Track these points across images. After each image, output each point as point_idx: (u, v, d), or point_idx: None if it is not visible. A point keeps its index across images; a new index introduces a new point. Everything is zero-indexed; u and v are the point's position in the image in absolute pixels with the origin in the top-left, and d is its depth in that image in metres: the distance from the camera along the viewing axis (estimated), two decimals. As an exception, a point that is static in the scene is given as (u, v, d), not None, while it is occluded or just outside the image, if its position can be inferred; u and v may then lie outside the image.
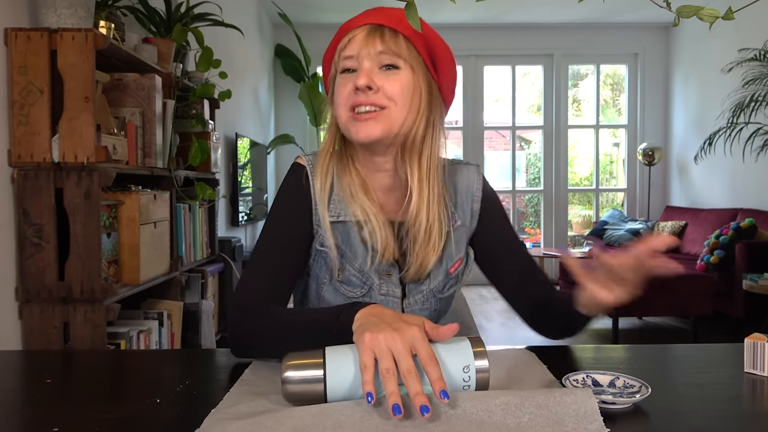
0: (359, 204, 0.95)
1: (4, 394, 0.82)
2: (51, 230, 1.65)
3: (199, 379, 0.84)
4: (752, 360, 0.86)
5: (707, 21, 0.79)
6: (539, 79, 6.28)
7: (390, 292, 0.99)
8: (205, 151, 2.37)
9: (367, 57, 0.92)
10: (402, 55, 0.92)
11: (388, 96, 0.92)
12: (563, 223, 6.29)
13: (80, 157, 1.64)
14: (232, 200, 3.97)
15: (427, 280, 1.00)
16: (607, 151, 8.22)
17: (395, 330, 0.67)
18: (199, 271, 2.49)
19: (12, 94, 1.63)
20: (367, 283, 0.98)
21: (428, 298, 1.01)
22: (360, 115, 0.92)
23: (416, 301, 1.00)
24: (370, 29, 0.93)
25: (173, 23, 2.36)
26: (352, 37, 0.93)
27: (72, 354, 1.02)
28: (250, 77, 4.69)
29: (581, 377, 0.79)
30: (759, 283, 3.44)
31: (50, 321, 1.66)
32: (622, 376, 0.79)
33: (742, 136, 4.09)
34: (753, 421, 0.72)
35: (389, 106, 0.92)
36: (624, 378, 0.78)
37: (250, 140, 4.33)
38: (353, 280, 0.98)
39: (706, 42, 5.24)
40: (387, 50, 0.91)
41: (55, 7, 1.66)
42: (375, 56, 0.92)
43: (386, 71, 0.92)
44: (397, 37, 0.92)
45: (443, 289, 1.02)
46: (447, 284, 1.02)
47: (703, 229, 4.72)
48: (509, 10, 5.50)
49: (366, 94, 0.91)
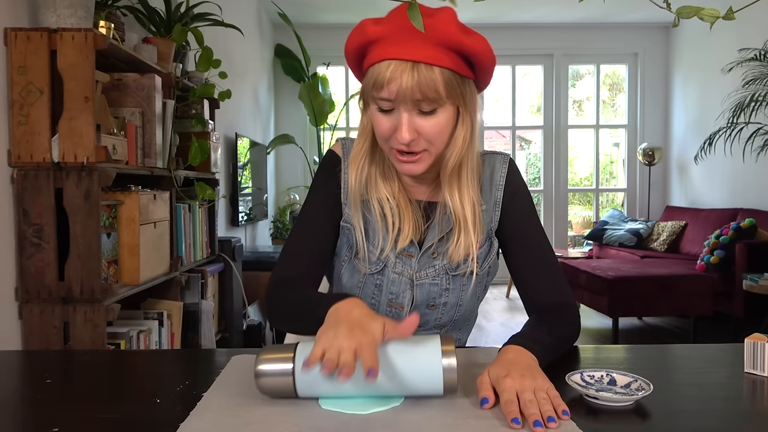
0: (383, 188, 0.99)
1: (4, 394, 0.82)
2: (51, 230, 1.65)
3: (199, 379, 0.84)
4: (752, 360, 0.86)
5: (707, 21, 0.79)
6: (539, 79, 6.28)
7: (405, 272, 1.01)
8: (205, 151, 2.37)
9: (405, 106, 0.89)
10: (439, 96, 0.89)
11: (427, 140, 0.92)
12: (563, 223, 6.29)
13: (80, 157, 1.64)
14: (232, 200, 3.97)
15: (440, 257, 1.01)
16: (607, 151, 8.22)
17: (350, 336, 0.72)
18: (198, 271, 2.49)
19: (12, 94, 1.63)
20: (383, 261, 1.00)
21: (439, 273, 1.01)
22: (401, 156, 0.94)
23: (427, 275, 1.01)
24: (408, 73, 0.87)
25: (173, 23, 2.36)
26: (388, 81, 0.88)
27: (72, 354, 1.02)
28: (250, 77, 4.69)
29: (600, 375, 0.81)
30: (759, 283, 3.44)
31: (50, 321, 1.66)
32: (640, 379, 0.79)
33: (742, 136, 4.09)
34: (753, 421, 0.72)
35: (429, 148, 0.93)
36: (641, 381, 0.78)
37: (250, 140, 4.33)
38: (370, 256, 1.01)
39: (706, 42, 5.24)
40: (425, 98, 0.88)
41: (54, 7, 1.66)
42: (411, 101, 0.89)
43: (424, 114, 0.91)
44: (433, 73, 0.88)
45: (456, 267, 1.02)
46: (461, 264, 1.02)
47: (703, 229, 4.72)
48: (509, 10, 5.50)
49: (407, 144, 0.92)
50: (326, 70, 5.65)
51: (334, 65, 5.68)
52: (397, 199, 1.00)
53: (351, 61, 0.96)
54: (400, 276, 1.01)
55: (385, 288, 1.01)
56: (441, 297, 1.02)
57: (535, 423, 0.67)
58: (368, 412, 0.70)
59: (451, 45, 0.88)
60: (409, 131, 0.90)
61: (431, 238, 1.01)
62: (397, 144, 0.92)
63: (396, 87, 0.87)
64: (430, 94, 0.88)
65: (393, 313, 1.02)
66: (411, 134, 0.90)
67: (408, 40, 0.87)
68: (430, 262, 1.02)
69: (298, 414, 0.70)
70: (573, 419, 0.69)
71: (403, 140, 0.90)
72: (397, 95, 0.88)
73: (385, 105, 0.91)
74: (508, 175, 1.06)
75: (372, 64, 0.90)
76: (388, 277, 1.01)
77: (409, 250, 1.00)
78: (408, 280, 1.01)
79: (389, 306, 1.02)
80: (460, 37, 0.89)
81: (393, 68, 0.87)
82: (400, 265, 1.00)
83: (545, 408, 0.70)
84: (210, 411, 0.72)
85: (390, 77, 0.87)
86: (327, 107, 5.36)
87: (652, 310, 3.98)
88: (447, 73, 0.89)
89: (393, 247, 1.00)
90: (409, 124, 0.90)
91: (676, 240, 4.98)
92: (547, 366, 0.86)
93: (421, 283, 1.01)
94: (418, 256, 1.01)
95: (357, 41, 0.92)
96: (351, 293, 0.99)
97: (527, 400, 0.70)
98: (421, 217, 1.02)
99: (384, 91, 0.89)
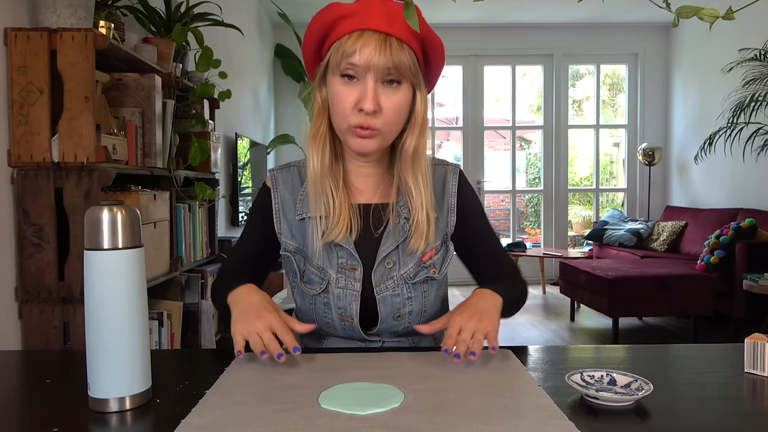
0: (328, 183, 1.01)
1: (4, 394, 0.82)
2: (51, 230, 1.65)
3: (199, 379, 0.84)
4: (752, 360, 0.86)
5: (707, 21, 0.79)
6: (538, 79, 6.28)
7: (348, 286, 1.02)
8: (204, 151, 2.37)
9: (374, 72, 0.93)
10: (405, 70, 0.94)
11: (386, 118, 0.95)
12: (563, 223, 6.29)
13: (80, 157, 1.64)
14: (232, 200, 3.97)
15: (396, 266, 1.03)
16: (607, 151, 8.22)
17: (258, 318, 0.89)
18: (198, 271, 2.49)
19: (12, 94, 1.63)
20: (325, 279, 1.03)
21: (399, 284, 1.03)
22: (359, 131, 0.95)
23: (387, 287, 1.03)
24: (381, 42, 0.91)
25: (173, 23, 2.36)
26: (359, 47, 0.91)
27: (72, 354, 1.02)
28: (250, 77, 4.69)
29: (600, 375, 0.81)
30: (759, 283, 3.44)
31: (50, 321, 1.66)
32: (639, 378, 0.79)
33: (742, 136, 4.09)
34: (753, 421, 0.72)
35: (383, 128, 0.96)
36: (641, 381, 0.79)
37: (250, 140, 4.33)
38: (313, 278, 1.04)
39: (706, 42, 5.24)
40: (393, 68, 0.92)
41: (54, 7, 1.66)
42: (382, 71, 0.93)
43: (387, 86, 0.95)
44: (403, 50, 0.93)
45: (414, 275, 1.04)
46: (419, 272, 1.04)
47: (703, 229, 4.72)
48: (509, 10, 5.50)
49: (369, 116, 0.94)
50: (326, 70, 5.65)
51: (334, 65, 5.67)
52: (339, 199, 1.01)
53: (313, 40, 0.99)
54: (344, 290, 1.02)
55: (333, 304, 1.03)
56: (405, 307, 1.04)
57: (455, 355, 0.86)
58: (367, 413, 0.70)
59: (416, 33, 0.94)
60: (374, 101, 0.93)
61: (385, 248, 1.03)
62: (357, 117, 0.94)
63: (367, 54, 0.91)
64: (398, 63, 0.92)
65: (346, 326, 1.04)
66: (375, 104, 0.93)
67: (380, 15, 0.92)
68: (387, 274, 1.03)
69: (298, 413, 0.70)
70: (573, 419, 0.69)
71: (368, 109, 0.92)
72: (368, 63, 0.91)
73: (351, 70, 0.93)
74: (459, 182, 1.10)
75: (342, 36, 0.93)
76: (333, 294, 1.03)
77: (350, 263, 1.02)
78: (353, 292, 1.02)
79: (341, 320, 1.04)
80: (426, 27, 0.95)
81: (366, 36, 0.92)
82: (343, 280, 1.02)
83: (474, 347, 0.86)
84: (211, 408, 0.72)
85: (363, 44, 0.91)
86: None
87: (652, 310, 3.98)
88: (412, 54, 0.94)
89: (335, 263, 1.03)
90: (374, 93, 0.93)
91: (676, 240, 4.98)
92: (550, 366, 0.86)
93: (383, 297, 1.02)
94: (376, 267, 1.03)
95: (326, 17, 0.95)
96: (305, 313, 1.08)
97: (462, 339, 0.87)
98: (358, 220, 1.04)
99: (355, 56, 0.92)
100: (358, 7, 0.94)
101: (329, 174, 1.01)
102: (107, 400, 0.73)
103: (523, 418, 0.69)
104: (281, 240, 1.07)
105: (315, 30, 0.97)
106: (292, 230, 1.06)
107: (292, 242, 1.06)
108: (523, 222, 9.31)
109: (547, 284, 5.82)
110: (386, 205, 1.05)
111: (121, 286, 0.73)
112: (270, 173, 1.10)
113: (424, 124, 1.01)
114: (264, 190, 1.11)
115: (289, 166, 1.12)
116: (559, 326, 4.38)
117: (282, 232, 1.07)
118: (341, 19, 0.94)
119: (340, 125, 0.98)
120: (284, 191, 1.08)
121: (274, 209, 1.07)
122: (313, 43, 0.99)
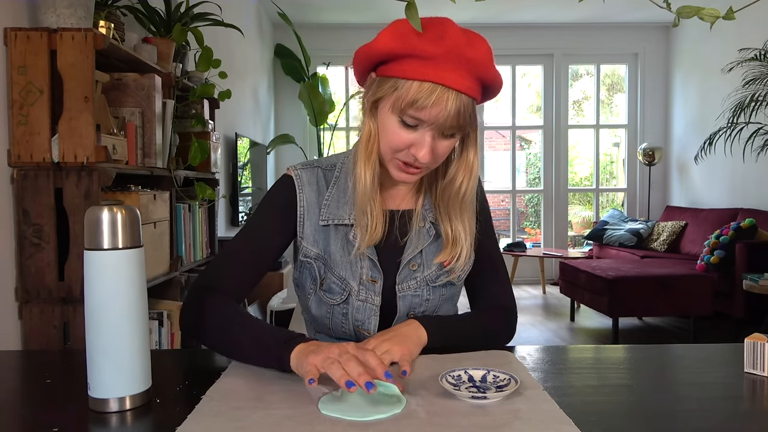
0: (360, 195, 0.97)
1: (4, 394, 0.82)
2: (51, 230, 1.65)
3: (199, 379, 0.84)
4: (752, 360, 0.86)
5: (707, 21, 0.79)
6: (537, 79, 6.28)
7: (369, 299, 1.01)
8: (204, 151, 2.37)
9: (436, 129, 0.90)
10: (465, 125, 0.91)
11: (435, 159, 0.94)
12: (563, 223, 6.29)
13: (80, 157, 1.64)
14: (232, 200, 3.97)
15: (420, 269, 1.03)
16: (607, 151, 8.22)
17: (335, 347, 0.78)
18: (198, 271, 2.49)
19: (12, 94, 1.63)
20: (346, 290, 1.01)
21: (421, 285, 1.03)
22: (404, 166, 0.94)
23: (409, 287, 1.03)
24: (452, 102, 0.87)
25: (173, 23, 2.36)
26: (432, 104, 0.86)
27: (72, 354, 1.02)
28: (250, 77, 4.69)
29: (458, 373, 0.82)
30: (759, 283, 3.44)
31: (50, 321, 1.66)
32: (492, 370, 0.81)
33: (742, 136, 4.09)
34: (753, 421, 0.72)
35: (431, 166, 0.96)
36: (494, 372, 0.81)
37: (250, 140, 4.33)
38: (333, 287, 1.02)
39: (706, 42, 5.24)
40: (455, 125, 0.89)
41: (54, 7, 1.66)
42: (443, 128, 0.90)
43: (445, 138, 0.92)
44: (468, 102, 0.89)
45: (436, 279, 1.04)
46: (440, 276, 1.04)
47: (703, 229, 4.72)
48: (509, 10, 5.50)
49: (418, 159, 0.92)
50: (326, 70, 5.65)
51: (334, 65, 5.68)
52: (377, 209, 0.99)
53: (371, 58, 0.92)
54: (365, 303, 1.01)
55: (351, 316, 1.02)
56: (421, 306, 1.04)
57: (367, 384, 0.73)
58: (369, 419, 0.70)
59: (485, 79, 0.90)
60: (430, 153, 0.91)
61: (409, 252, 1.03)
62: (408, 158, 0.93)
63: (437, 112, 0.87)
64: (462, 123, 0.89)
65: (362, 337, 1.03)
66: (430, 157, 0.91)
67: (456, 68, 0.86)
68: (411, 275, 1.03)
69: (298, 419, 0.69)
70: (572, 418, 0.69)
71: (423, 160, 0.91)
72: (435, 120, 0.88)
73: (412, 121, 0.89)
74: (479, 191, 1.08)
75: (411, 79, 0.87)
76: (353, 305, 1.01)
77: (372, 275, 1.01)
78: (372, 306, 1.02)
79: (358, 332, 1.03)
80: (494, 72, 0.90)
81: (439, 93, 0.86)
82: (364, 292, 1.01)
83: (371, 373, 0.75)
84: (207, 415, 0.71)
85: (435, 101, 0.86)
86: (327, 107, 5.36)
87: (652, 310, 3.98)
88: (472, 102, 0.90)
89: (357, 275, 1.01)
90: (430, 147, 0.90)
91: (676, 240, 4.98)
92: (550, 366, 0.86)
93: (404, 295, 1.03)
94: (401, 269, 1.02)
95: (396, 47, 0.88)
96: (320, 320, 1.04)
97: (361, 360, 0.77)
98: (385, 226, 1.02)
99: (423, 113, 0.87)
100: (439, 53, 0.86)
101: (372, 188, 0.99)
102: (107, 400, 0.73)
103: (529, 422, 0.69)
104: (302, 245, 1.03)
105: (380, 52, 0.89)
106: (315, 236, 1.02)
107: (313, 248, 1.02)
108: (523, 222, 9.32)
109: (547, 284, 5.82)
110: (411, 211, 1.05)
111: (121, 286, 0.73)
112: (294, 172, 1.03)
113: (475, 165, 0.99)
114: (286, 187, 1.03)
115: (313, 166, 1.05)
116: (559, 326, 4.38)
117: (304, 237, 1.02)
118: (417, 58, 0.87)
119: (387, 156, 0.95)
120: (310, 194, 1.02)
121: (298, 211, 1.02)
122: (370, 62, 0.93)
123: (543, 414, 0.71)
